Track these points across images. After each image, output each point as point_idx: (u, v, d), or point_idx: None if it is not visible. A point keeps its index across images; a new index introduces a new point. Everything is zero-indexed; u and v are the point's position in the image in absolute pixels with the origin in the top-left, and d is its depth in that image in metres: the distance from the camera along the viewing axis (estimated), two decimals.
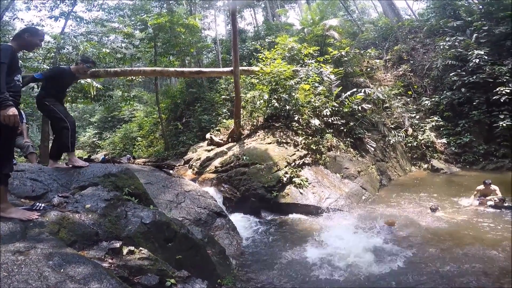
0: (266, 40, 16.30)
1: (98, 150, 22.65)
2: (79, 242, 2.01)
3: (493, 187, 6.36)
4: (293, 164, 7.33)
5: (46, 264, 1.48)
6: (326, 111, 8.90)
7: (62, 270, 1.48)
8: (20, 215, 1.98)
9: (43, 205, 2.30)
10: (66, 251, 1.69)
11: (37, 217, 2.05)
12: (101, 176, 3.19)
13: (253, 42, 17.56)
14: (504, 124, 9.54)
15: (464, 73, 10.97)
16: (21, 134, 5.11)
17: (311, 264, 4.10)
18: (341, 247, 4.56)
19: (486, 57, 10.58)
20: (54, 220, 2.06)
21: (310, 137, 8.28)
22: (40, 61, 11.71)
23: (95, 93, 12.40)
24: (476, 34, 11.48)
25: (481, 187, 6.52)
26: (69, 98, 13.99)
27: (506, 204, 5.86)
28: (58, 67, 3.50)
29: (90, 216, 2.33)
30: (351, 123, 9.42)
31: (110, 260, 1.94)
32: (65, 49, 12.17)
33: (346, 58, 11.41)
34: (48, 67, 11.24)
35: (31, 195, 2.55)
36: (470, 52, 10.90)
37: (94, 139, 24.54)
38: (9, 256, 1.47)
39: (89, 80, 11.74)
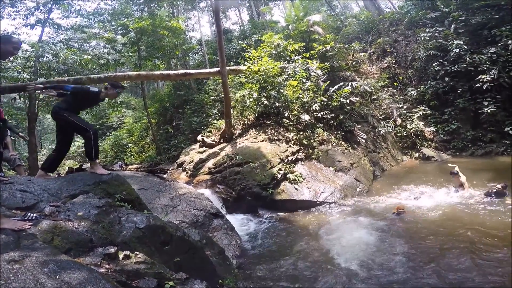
0: (252, 38, 16.32)
1: None
2: (74, 249, 1.99)
3: (462, 176, 6.19)
4: (286, 160, 7.37)
5: (42, 271, 1.49)
6: (315, 106, 8.98)
7: (57, 277, 1.49)
8: (12, 225, 1.94)
9: (35, 215, 2.25)
10: (61, 258, 1.68)
11: (30, 226, 2.01)
12: (91, 184, 3.16)
13: (239, 41, 17.55)
14: (489, 111, 9.81)
15: (446, 62, 11.24)
16: (6, 147, 4.98)
17: (311, 260, 4.10)
18: (341, 241, 4.57)
19: (465, 47, 10.86)
20: (47, 229, 2.04)
21: (301, 133, 8.34)
22: (20, 70, 11.37)
23: None
24: (454, 25, 11.78)
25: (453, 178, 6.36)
26: None
27: (507, 192, 5.47)
28: (87, 87, 3.57)
29: (83, 223, 2.30)
30: (341, 117, 9.54)
31: (106, 266, 1.93)
32: (45, 57, 11.85)
33: (331, 53, 11.54)
34: (28, 76, 10.95)
35: (22, 206, 2.51)
36: (450, 42, 11.17)
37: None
38: (5, 265, 1.48)
39: None
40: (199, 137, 10.67)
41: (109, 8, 17.23)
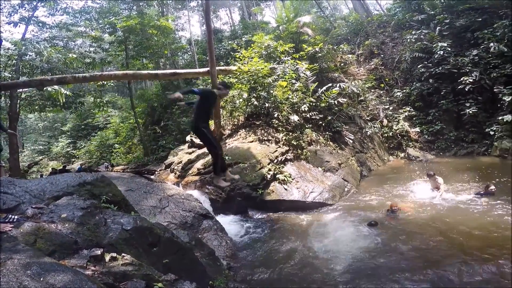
0: (243, 39, 16.30)
1: (73, 160, 21.59)
2: (58, 251, 1.94)
3: (438, 178, 6.39)
4: (276, 160, 7.40)
5: (25, 273, 1.46)
6: (304, 107, 9.06)
7: (41, 279, 1.46)
8: None
9: (16, 217, 2.19)
10: (44, 261, 1.64)
11: (11, 228, 1.97)
12: (75, 185, 3.10)
13: (229, 42, 17.50)
14: (471, 112, 10.16)
15: (430, 64, 11.56)
16: None
17: (301, 260, 4.13)
18: (329, 240, 4.61)
19: (449, 49, 11.21)
20: (29, 231, 1.99)
21: (291, 133, 8.39)
22: (1, 69, 10.98)
23: (64, 100, 11.83)
24: (439, 27, 12.14)
25: (427, 179, 6.59)
26: (36, 107, 13.26)
27: (495, 193, 5.72)
28: (210, 89, 3.79)
29: (67, 225, 2.25)
30: (329, 117, 9.66)
31: (92, 268, 1.89)
32: (28, 55, 11.50)
33: (320, 54, 11.66)
34: (10, 75, 10.60)
35: (3, 208, 2.45)
36: (435, 45, 11.50)
37: (68, 149, 23.36)
38: None
39: (56, 87, 11.16)
40: (188, 138, 10.56)
41: (96, 6, 16.88)
